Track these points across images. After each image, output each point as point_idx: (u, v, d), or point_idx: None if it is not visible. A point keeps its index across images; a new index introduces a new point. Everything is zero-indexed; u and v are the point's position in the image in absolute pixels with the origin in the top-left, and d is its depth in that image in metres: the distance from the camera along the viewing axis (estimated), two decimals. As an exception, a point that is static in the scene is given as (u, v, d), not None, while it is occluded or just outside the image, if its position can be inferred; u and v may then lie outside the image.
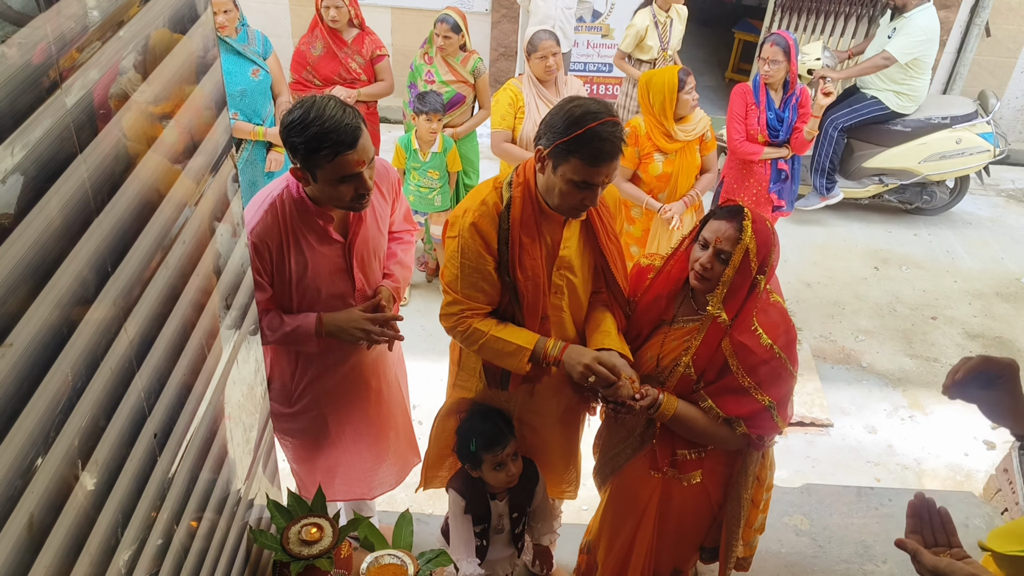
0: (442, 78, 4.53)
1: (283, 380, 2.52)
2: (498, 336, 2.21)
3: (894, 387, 4.45)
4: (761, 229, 2.10)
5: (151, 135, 1.32)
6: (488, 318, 2.26)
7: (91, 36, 1.11)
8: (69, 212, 1.07)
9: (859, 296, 5.21)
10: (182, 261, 1.48)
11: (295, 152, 2.08)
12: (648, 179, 3.97)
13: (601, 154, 2.00)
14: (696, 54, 8.77)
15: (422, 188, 4.50)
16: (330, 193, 2.14)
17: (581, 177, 2.03)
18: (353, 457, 2.70)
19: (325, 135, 2.01)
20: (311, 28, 4.53)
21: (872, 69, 5.46)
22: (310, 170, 2.10)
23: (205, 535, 1.72)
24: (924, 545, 1.54)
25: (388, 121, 6.81)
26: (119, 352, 1.24)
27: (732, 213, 2.12)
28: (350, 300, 2.39)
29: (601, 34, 6.60)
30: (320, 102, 2.05)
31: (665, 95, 3.76)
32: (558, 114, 2.06)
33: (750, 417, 2.19)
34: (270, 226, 2.20)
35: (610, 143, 2.01)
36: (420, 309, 4.75)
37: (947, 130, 5.60)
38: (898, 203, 5.98)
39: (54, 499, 1.09)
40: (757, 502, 2.49)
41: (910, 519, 1.60)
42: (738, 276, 2.11)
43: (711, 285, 2.15)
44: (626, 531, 2.56)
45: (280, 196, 2.22)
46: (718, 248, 2.11)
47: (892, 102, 5.57)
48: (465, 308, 2.24)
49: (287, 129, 2.06)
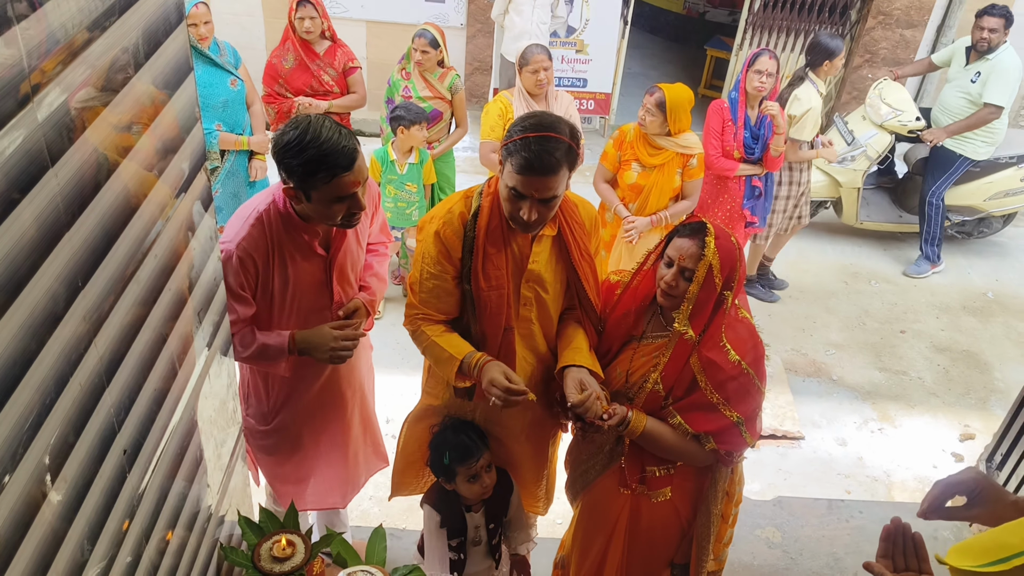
0: (419, 94, 4.53)
1: (259, 399, 2.51)
2: (436, 342, 2.26)
3: (864, 400, 4.50)
4: (724, 245, 2.12)
5: (123, 148, 1.31)
6: (438, 324, 2.30)
7: (63, 49, 1.10)
8: (41, 226, 1.06)
9: (829, 310, 5.27)
10: (154, 275, 1.47)
11: (291, 173, 2.06)
12: (622, 186, 4.02)
13: (526, 164, 2.01)
14: (668, 70, 8.88)
15: (400, 203, 4.50)
16: (323, 212, 2.13)
17: (513, 183, 2.05)
18: (326, 467, 2.68)
19: (323, 158, 2.00)
20: (283, 40, 4.52)
21: (979, 124, 5.20)
22: (304, 191, 2.09)
23: (175, 552, 1.70)
24: (894, 569, 1.57)
25: (363, 134, 6.81)
26: (89, 367, 1.23)
27: (695, 230, 2.14)
28: (327, 313, 2.38)
29: (575, 49, 6.65)
30: (316, 123, 2.03)
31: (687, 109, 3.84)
32: (518, 121, 2.11)
33: (719, 433, 2.20)
34: (257, 240, 2.18)
35: (536, 157, 2.00)
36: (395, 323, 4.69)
37: (1013, 168, 5.52)
38: (955, 233, 5.93)
39: (21, 516, 1.08)
40: (727, 517, 2.50)
41: (883, 543, 1.62)
42: (703, 292, 2.12)
43: (677, 302, 2.17)
44: (597, 547, 2.56)
45: (267, 211, 2.20)
46: (682, 266, 2.13)
47: (980, 151, 5.36)
48: (419, 313, 2.29)
49: (283, 150, 2.04)
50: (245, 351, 2.26)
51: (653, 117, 3.81)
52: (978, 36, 5.09)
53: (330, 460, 2.68)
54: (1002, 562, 1.31)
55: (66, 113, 1.11)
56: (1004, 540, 1.34)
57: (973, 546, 1.39)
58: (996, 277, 5.72)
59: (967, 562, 1.36)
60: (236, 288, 2.18)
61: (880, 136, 5.41)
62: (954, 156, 5.39)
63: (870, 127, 5.47)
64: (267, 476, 2.73)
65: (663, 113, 3.77)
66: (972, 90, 5.16)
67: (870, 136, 5.43)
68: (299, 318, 2.34)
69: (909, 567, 1.57)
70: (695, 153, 3.91)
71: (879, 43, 7.27)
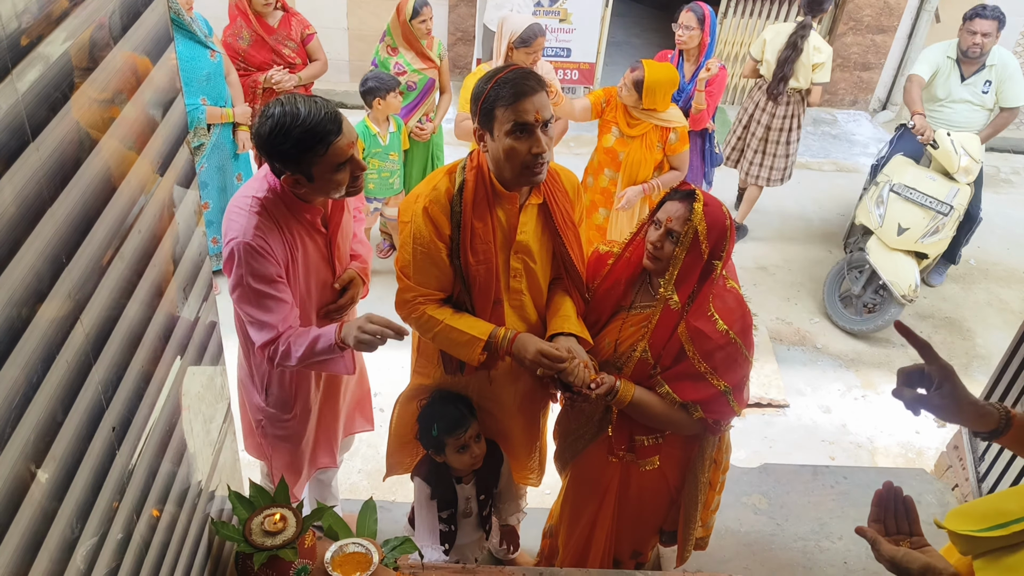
0: (413, 67, 4.46)
1: (281, 387, 2.45)
2: (452, 326, 2.21)
3: (847, 367, 4.55)
4: (713, 212, 2.13)
5: (104, 121, 1.29)
6: (444, 306, 2.26)
7: (42, 20, 1.07)
8: (22, 202, 1.04)
9: (814, 279, 5.30)
10: (138, 251, 1.45)
11: (286, 159, 2.03)
12: (600, 148, 4.06)
13: (518, 88, 2.03)
14: (652, 39, 8.82)
15: (383, 174, 4.46)
16: (329, 186, 2.10)
17: (512, 120, 2.04)
18: (319, 430, 2.67)
19: (312, 131, 1.98)
20: (231, 18, 4.38)
21: (1003, 128, 4.85)
22: (304, 172, 2.05)
23: (166, 528, 1.70)
24: (886, 532, 1.58)
25: (346, 106, 6.74)
26: (75, 345, 1.22)
27: (685, 195, 2.16)
28: (330, 288, 2.38)
29: (559, 18, 6.59)
30: (288, 103, 2.00)
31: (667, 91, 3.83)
32: (476, 86, 2.13)
33: (706, 402, 2.22)
34: (267, 226, 2.12)
35: (522, 79, 2.05)
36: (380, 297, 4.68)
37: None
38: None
39: (11, 496, 1.07)
40: (714, 484, 2.53)
41: (875, 507, 1.63)
42: (688, 257, 2.14)
43: (663, 265, 2.18)
44: (587, 515, 2.59)
45: (266, 197, 2.14)
46: (669, 228, 2.14)
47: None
48: (418, 295, 2.25)
49: (269, 140, 2.00)
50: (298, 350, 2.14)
51: (628, 93, 3.82)
52: (969, 42, 4.61)
53: (326, 425, 2.68)
54: (1001, 527, 1.33)
55: (47, 84, 1.09)
56: (1002, 506, 1.36)
57: (971, 511, 1.41)
58: (978, 244, 5.76)
59: (965, 527, 1.38)
60: (273, 275, 2.11)
61: (963, 190, 4.58)
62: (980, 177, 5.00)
63: (947, 185, 4.60)
64: (280, 464, 2.66)
65: (637, 92, 3.79)
66: (986, 101, 4.76)
67: (953, 194, 4.56)
68: (307, 297, 2.32)
69: (900, 531, 1.59)
70: (674, 126, 3.90)
71: (863, 10, 7.28)
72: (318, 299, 2.37)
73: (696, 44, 4.38)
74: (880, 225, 4.62)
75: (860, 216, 4.85)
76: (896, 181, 4.66)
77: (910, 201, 4.59)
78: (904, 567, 1.48)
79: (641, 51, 8.37)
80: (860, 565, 3.14)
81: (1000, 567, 1.32)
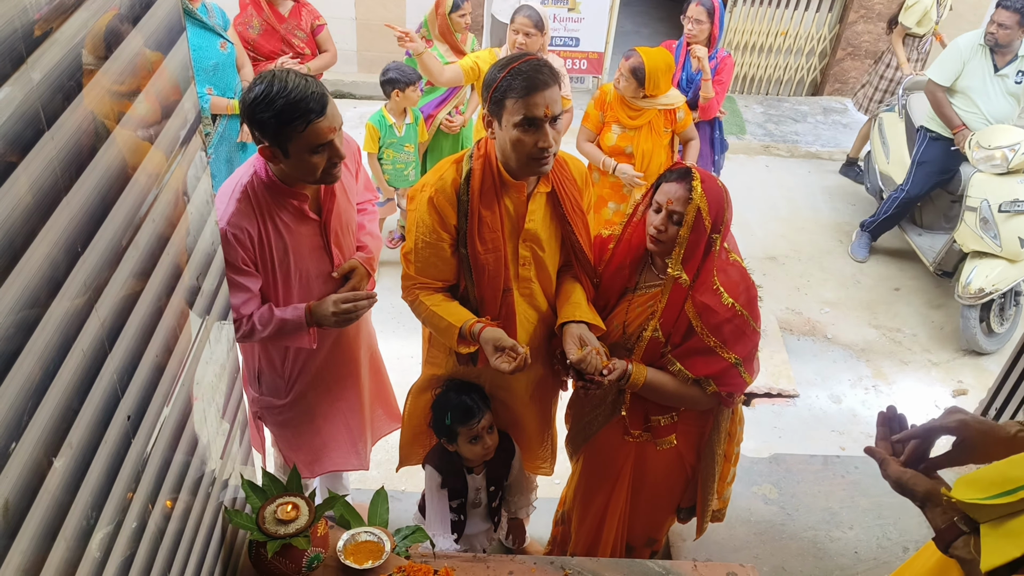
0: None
1: (274, 373, 2.50)
2: (435, 312, 2.26)
3: (858, 357, 4.53)
4: (711, 188, 2.15)
5: (118, 110, 1.29)
6: (437, 293, 2.30)
7: (55, 9, 1.07)
8: (38, 191, 1.04)
9: (824, 269, 5.28)
10: (152, 240, 1.45)
11: (264, 128, 2.04)
12: (604, 148, 4.04)
13: (530, 82, 2.03)
14: (660, 28, 8.78)
15: (398, 165, 4.47)
16: (303, 167, 2.11)
17: (522, 114, 2.04)
18: (345, 430, 2.70)
19: (294, 105, 1.98)
20: (242, 7, 4.39)
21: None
22: (281, 146, 2.06)
23: (180, 516, 1.71)
24: (892, 454, 1.60)
25: (353, 97, 6.73)
26: (91, 333, 1.22)
27: (681, 175, 2.17)
28: (330, 278, 2.38)
29: (568, 8, 6.55)
30: (280, 75, 2.01)
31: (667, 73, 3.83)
32: (489, 72, 2.12)
33: (719, 375, 2.24)
34: (245, 213, 2.16)
35: (535, 71, 2.05)
36: (390, 287, 4.69)
37: None
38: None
39: (28, 484, 1.07)
40: (729, 456, 2.55)
41: (880, 427, 1.67)
42: (693, 235, 2.15)
43: (667, 247, 2.19)
44: (600, 498, 2.60)
45: (250, 183, 2.18)
46: (670, 210, 2.15)
47: None
48: (416, 282, 2.30)
49: (252, 106, 2.02)
50: (265, 329, 2.24)
51: (627, 82, 3.80)
52: (987, 31, 4.58)
53: (348, 423, 2.70)
54: (1007, 494, 1.33)
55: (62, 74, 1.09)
56: (1009, 473, 1.36)
57: (978, 479, 1.41)
58: (990, 234, 5.71)
59: (972, 494, 1.38)
60: (238, 264, 2.16)
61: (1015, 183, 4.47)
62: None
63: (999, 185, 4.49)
64: (286, 450, 2.72)
65: (636, 79, 3.78)
66: (1018, 91, 4.69)
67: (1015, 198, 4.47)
68: (304, 286, 2.33)
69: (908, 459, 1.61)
70: (678, 106, 3.92)
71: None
72: (318, 288, 2.36)
73: (705, 37, 4.38)
74: (1000, 247, 4.43)
75: (968, 244, 4.58)
76: (995, 200, 4.47)
77: (1021, 213, 4.45)
78: (909, 488, 1.50)
79: (649, 40, 8.33)
80: (871, 555, 3.14)
81: (1003, 531, 1.32)
